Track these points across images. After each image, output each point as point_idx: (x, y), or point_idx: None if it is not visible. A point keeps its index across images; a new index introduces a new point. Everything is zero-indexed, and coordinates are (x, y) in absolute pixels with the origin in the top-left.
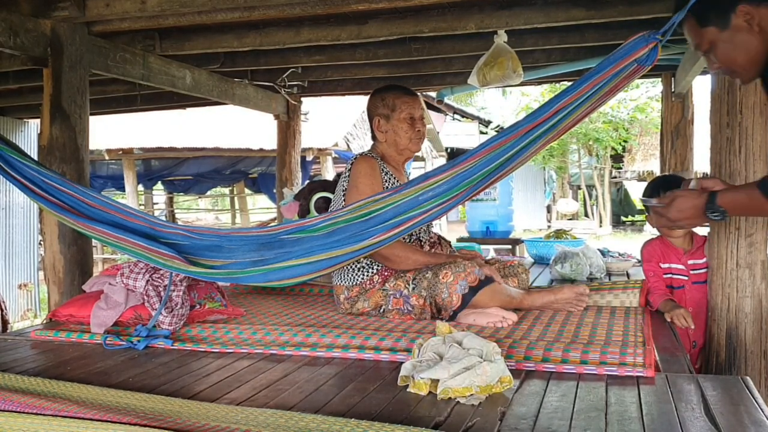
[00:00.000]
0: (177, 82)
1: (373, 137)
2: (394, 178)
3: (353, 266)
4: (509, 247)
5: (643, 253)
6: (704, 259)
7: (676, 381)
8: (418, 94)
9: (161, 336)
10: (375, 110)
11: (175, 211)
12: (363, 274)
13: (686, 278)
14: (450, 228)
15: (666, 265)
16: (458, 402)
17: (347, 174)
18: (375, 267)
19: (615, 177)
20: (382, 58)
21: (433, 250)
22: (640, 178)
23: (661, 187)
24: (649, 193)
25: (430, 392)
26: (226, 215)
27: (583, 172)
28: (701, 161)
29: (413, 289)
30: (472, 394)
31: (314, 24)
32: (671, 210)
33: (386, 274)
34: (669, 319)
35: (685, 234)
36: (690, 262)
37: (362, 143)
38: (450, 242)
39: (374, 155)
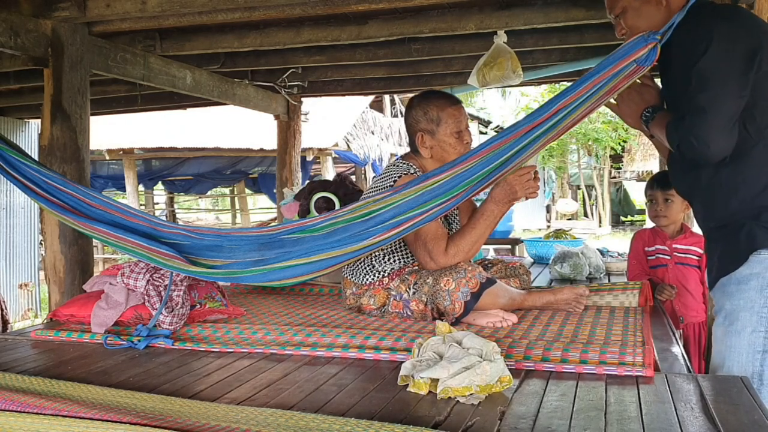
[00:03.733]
0: (177, 82)
1: (414, 150)
2: None
3: (366, 266)
4: (509, 247)
5: (632, 240)
6: (688, 246)
7: (675, 380)
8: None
9: (162, 335)
10: (416, 125)
11: (176, 211)
12: (374, 276)
13: (669, 258)
14: None
15: (653, 248)
16: (458, 401)
17: (387, 191)
18: (387, 270)
19: (614, 177)
20: (382, 58)
21: None
22: (640, 178)
23: (662, 180)
24: (650, 185)
25: (429, 392)
26: (226, 215)
27: (583, 172)
28: None
29: (413, 294)
30: (471, 394)
31: (314, 24)
32: (636, 91)
33: (394, 276)
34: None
35: (676, 224)
36: (674, 245)
37: (362, 143)
38: None
39: (416, 170)
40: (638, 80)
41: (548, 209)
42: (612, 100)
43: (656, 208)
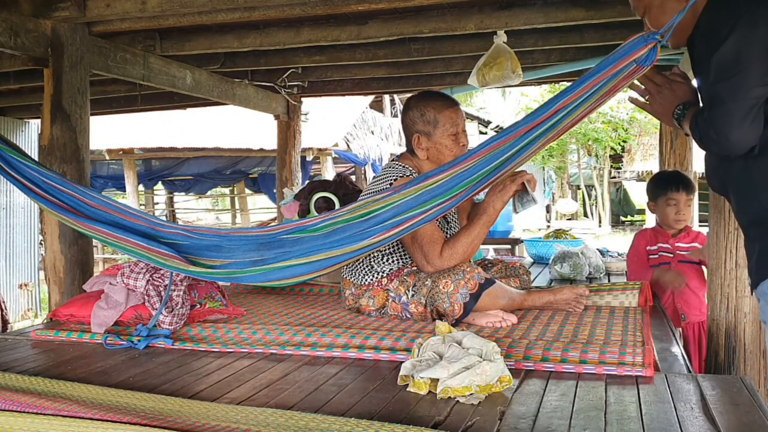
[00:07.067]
0: (177, 82)
1: (410, 151)
2: None
3: (365, 266)
4: (509, 246)
5: (633, 240)
6: (690, 243)
7: (675, 380)
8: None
9: (162, 335)
10: (413, 126)
11: (176, 211)
12: (372, 276)
13: (672, 255)
14: None
15: (655, 246)
16: (458, 401)
17: (386, 191)
18: (386, 270)
19: (614, 177)
20: (382, 58)
21: None
22: (640, 178)
23: (686, 182)
24: (673, 186)
25: (429, 391)
26: (226, 215)
27: (583, 172)
28: (700, 161)
29: (412, 296)
30: (471, 394)
31: (314, 24)
32: (668, 89)
33: (393, 277)
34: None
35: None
36: (677, 244)
37: (362, 143)
38: None
39: (411, 171)
40: (670, 77)
41: (548, 209)
42: (644, 100)
43: (679, 209)
